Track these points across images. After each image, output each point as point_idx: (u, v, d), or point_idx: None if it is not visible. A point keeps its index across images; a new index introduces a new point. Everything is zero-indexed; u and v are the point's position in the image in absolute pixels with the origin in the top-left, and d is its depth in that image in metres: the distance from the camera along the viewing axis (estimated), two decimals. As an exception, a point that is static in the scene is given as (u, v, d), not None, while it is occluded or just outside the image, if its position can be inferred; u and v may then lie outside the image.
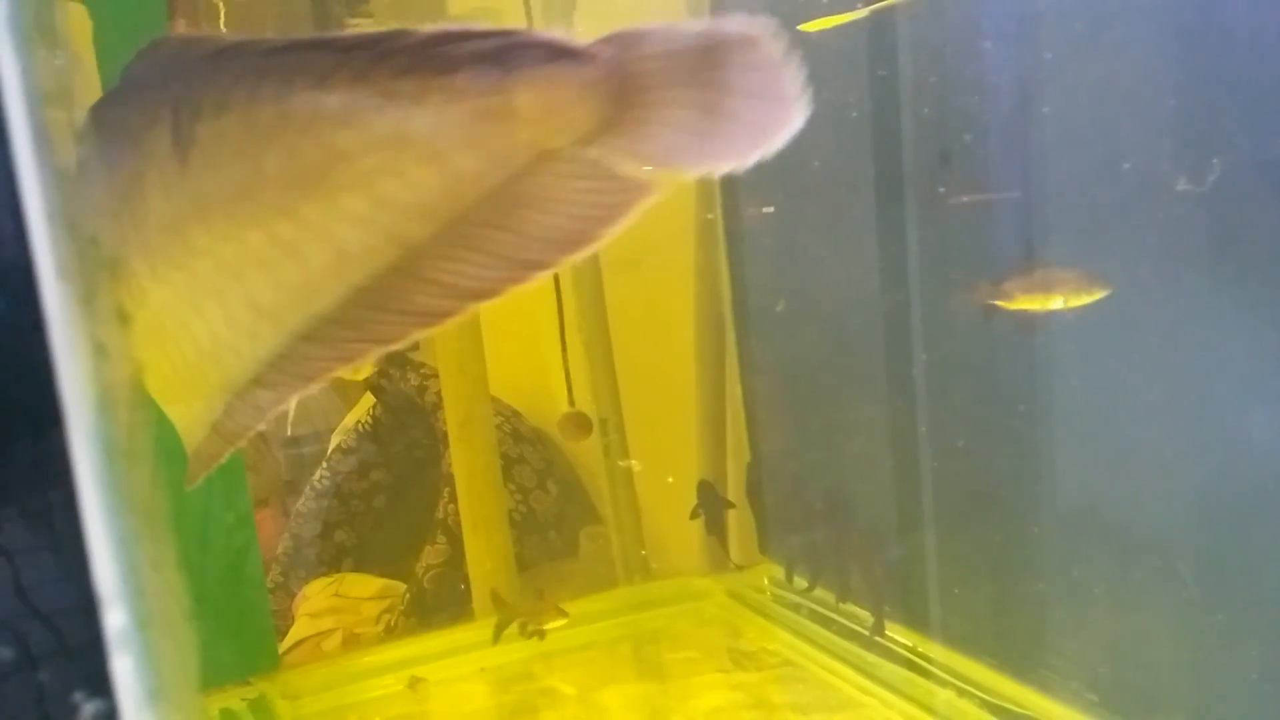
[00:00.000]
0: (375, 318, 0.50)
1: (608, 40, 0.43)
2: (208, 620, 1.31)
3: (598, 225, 0.48)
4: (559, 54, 0.43)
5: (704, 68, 0.41)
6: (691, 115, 0.42)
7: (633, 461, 1.61)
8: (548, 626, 1.26)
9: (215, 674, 1.34)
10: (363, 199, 0.46)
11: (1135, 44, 1.00)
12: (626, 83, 0.42)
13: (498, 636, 1.28)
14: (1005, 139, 1.18)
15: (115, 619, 0.24)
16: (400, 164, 0.44)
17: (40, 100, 0.28)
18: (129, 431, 0.26)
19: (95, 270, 0.26)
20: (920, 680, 1.24)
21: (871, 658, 1.31)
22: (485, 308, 1.73)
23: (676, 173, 0.46)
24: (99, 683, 0.24)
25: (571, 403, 1.69)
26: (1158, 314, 1.00)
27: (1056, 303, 0.96)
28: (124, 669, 0.24)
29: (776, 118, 0.42)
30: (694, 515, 1.58)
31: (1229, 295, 0.93)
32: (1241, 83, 0.91)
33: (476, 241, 0.49)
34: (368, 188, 0.45)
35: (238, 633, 1.34)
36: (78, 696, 0.24)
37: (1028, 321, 1.00)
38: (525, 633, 1.25)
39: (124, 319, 0.28)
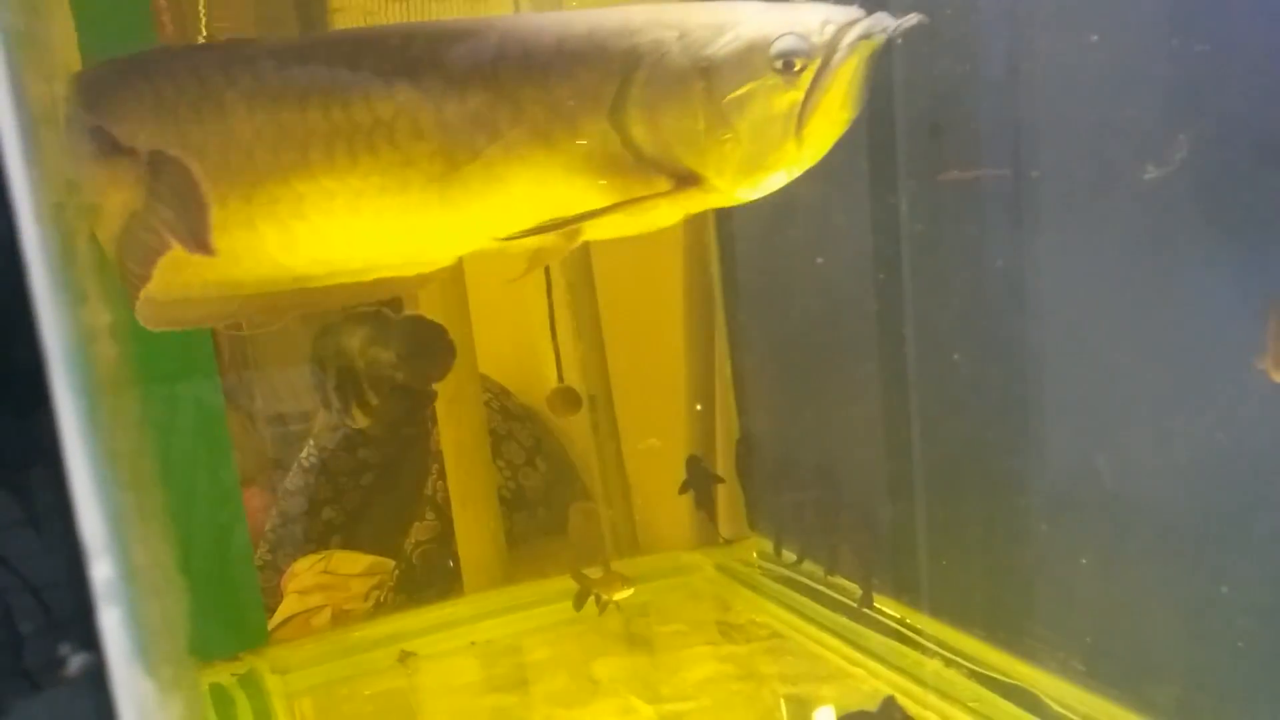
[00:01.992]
0: None
1: None
2: (196, 596, 1.30)
3: None
4: None
5: None
6: None
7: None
8: (616, 596, 1.28)
9: (204, 649, 1.33)
10: None
11: (1124, 13, 1.00)
12: None
13: (579, 607, 1.31)
14: (994, 113, 1.18)
15: (102, 570, 0.24)
16: None
17: (14, 46, 0.28)
18: (113, 380, 0.25)
19: (75, 217, 0.25)
20: (908, 651, 1.25)
21: (859, 629, 1.32)
22: (473, 285, 1.71)
23: None
24: (86, 636, 0.24)
25: (560, 378, 1.68)
26: (1148, 283, 1.00)
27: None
28: (111, 622, 0.24)
29: None
30: (683, 490, 1.58)
31: (1219, 264, 0.93)
32: (1231, 52, 0.91)
33: None
34: None
35: (226, 608, 1.33)
36: (64, 649, 0.24)
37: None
38: (599, 604, 1.28)
39: (103, 266, 0.27)
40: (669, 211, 0.59)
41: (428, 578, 1.86)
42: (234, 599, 1.34)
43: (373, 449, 2.15)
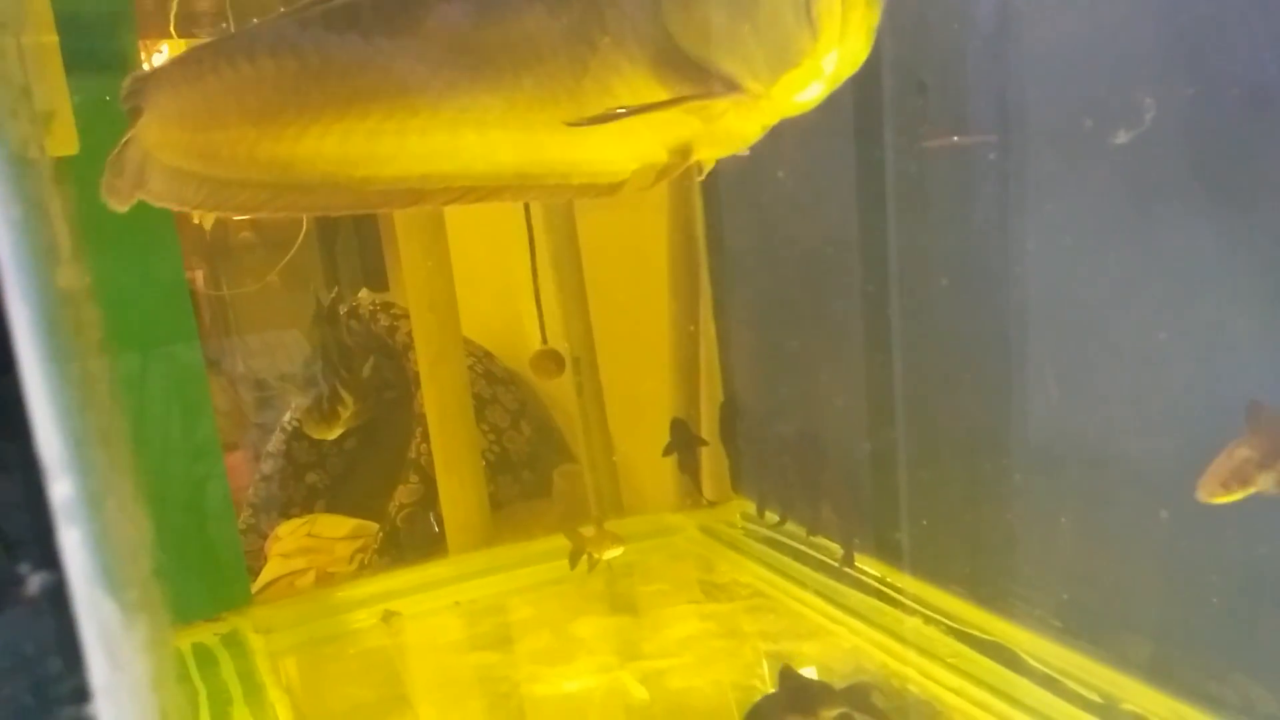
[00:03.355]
0: None
1: None
2: (176, 555, 1.30)
3: None
4: None
5: None
6: None
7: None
8: (607, 555, 1.29)
9: (187, 609, 1.33)
10: None
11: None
12: None
13: (574, 565, 1.31)
14: (982, 69, 1.17)
15: (61, 490, 0.23)
16: None
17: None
18: (72, 297, 0.25)
19: (28, 124, 0.24)
20: (888, 609, 1.27)
21: (840, 588, 1.33)
22: (455, 248, 1.69)
23: None
24: (46, 554, 0.23)
25: (544, 340, 1.68)
26: (1131, 245, 1.00)
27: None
28: (71, 542, 0.23)
29: None
30: (667, 452, 1.58)
31: (1203, 224, 0.93)
32: (1221, 6, 0.90)
33: None
34: None
35: (207, 567, 1.33)
36: (24, 568, 0.23)
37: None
38: (590, 562, 1.29)
39: (60, 177, 0.27)
40: (740, 121, 0.59)
41: (411, 540, 1.87)
42: (216, 559, 1.34)
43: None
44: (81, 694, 0.24)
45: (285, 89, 0.58)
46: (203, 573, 1.33)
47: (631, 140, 0.62)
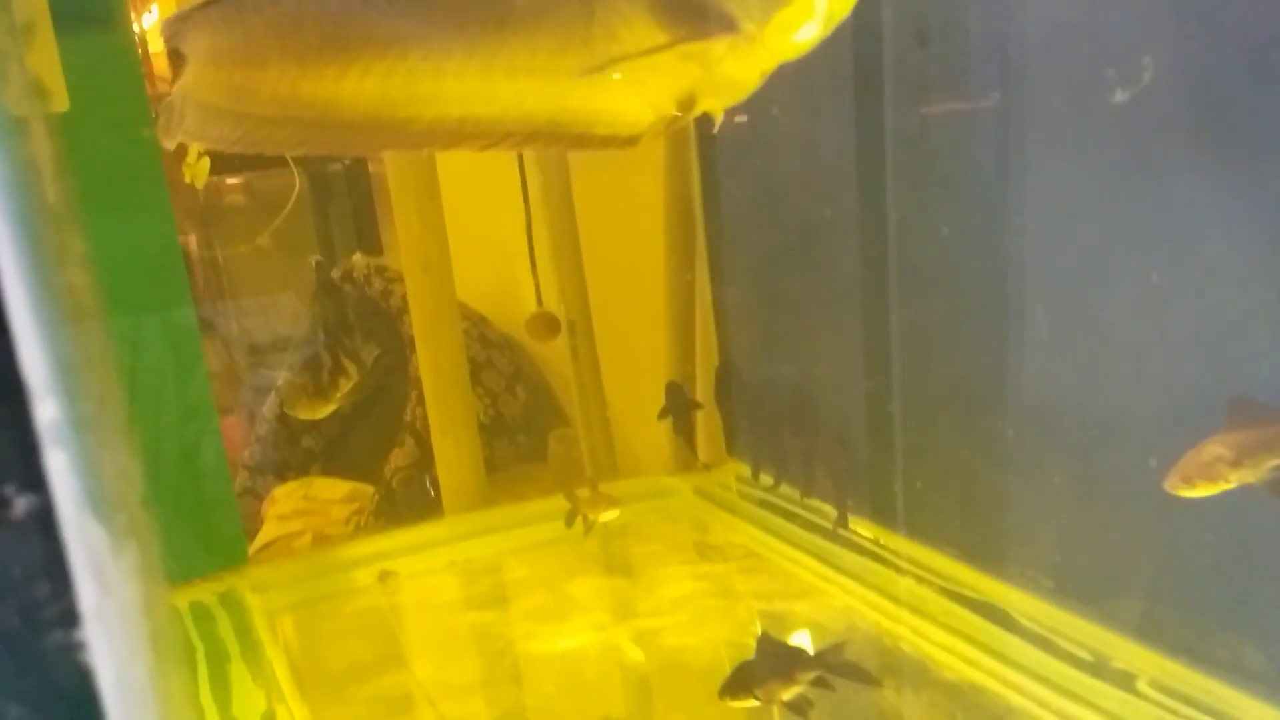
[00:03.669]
0: None
1: None
2: (172, 514, 1.30)
3: None
4: None
5: None
6: None
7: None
8: (602, 517, 1.29)
9: (184, 568, 1.34)
10: None
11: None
12: None
13: (570, 524, 1.32)
14: (981, 25, 1.15)
15: (46, 411, 0.23)
16: None
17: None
18: (57, 217, 0.24)
19: (5, 36, 0.24)
20: (881, 569, 1.28)
21: (834, 548, 1.34)
22: (450, 212, 1.68)
23: None
24: (32, 477, 0.23)
25: (539, 303, 1.67)
26: (1129, 204, 1.00)
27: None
28: (58, 465, 0.23)
29: None
30: (662, 416, 1.58)
31: (1202, 181, 0.93)
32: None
33: None
34: None
35: (203, 526, 1.33)
36: (9, 490, 0.23)
37: None
38: (585, 523, 1.29)
39: (42, 91, 0.26)
40: (738, 68, 0.60)
41: (407, 503, 1.87)
42: (212, 518, 1.34)
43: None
44: (70, 618, 0.24)
45: (327, 27, 0.59)
46: (199, 532, 1.33)
47: (642, 89, 0.63)
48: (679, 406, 1.61)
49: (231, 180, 2.44)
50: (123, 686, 0.24)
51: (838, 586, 1.27)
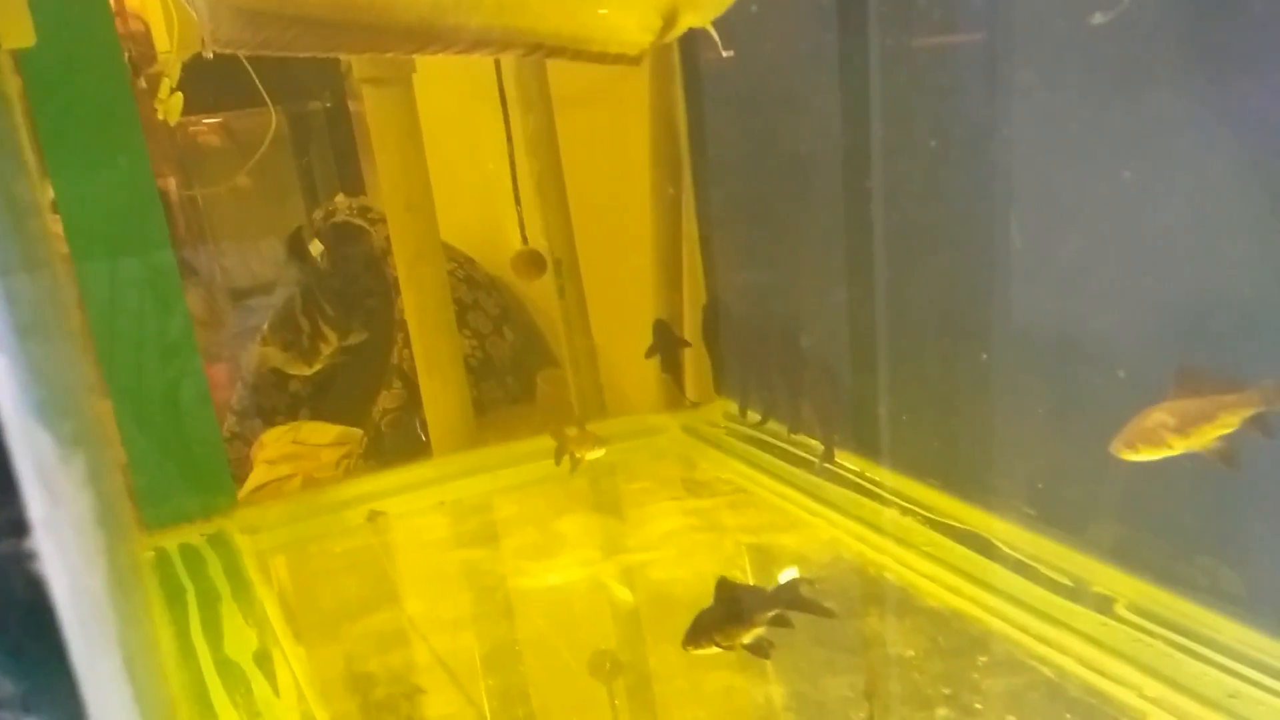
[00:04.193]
0: None
1: None
2: (157, 456, 1.30)
3: None
4: None
5: None
6: None
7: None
8: (589, 456, 1.29)
9: (172, 510, 1.34)
10: None
11: None
12: None
13: (559, 462, 1.31)
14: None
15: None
16: None
17: None
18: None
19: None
20: (866, 501, 1.29)
21: (820, 482, 1.35)
22: (432, 151, 1.66)
23: None
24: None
25: (524, 241, 1.66)
26: (1113, 129, 0.98)
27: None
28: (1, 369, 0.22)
29: None
30: (650, 354, 1.58)
31: (1183, 105, 0.92)
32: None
33: None
34: None
35: (190, 468, 1.33)
36: (-51, 396, 0.22)
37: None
38: (572, 462, 1.29)
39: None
40: None
41: (396, 445, 1.88)
42: (198, 459, 1.34)
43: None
44: (19, 527, 0.23)
45: None
46: (186, 474, 1.33)
47: (633, 6, 0.65)
48: (666, 344, 1.60)
49: (209, 120, 2.39)
50: (77, 597, 0.23)
51: (823, 519, 1.29)
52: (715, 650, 0.83)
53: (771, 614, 0.82)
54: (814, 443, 1.43)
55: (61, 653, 0.23)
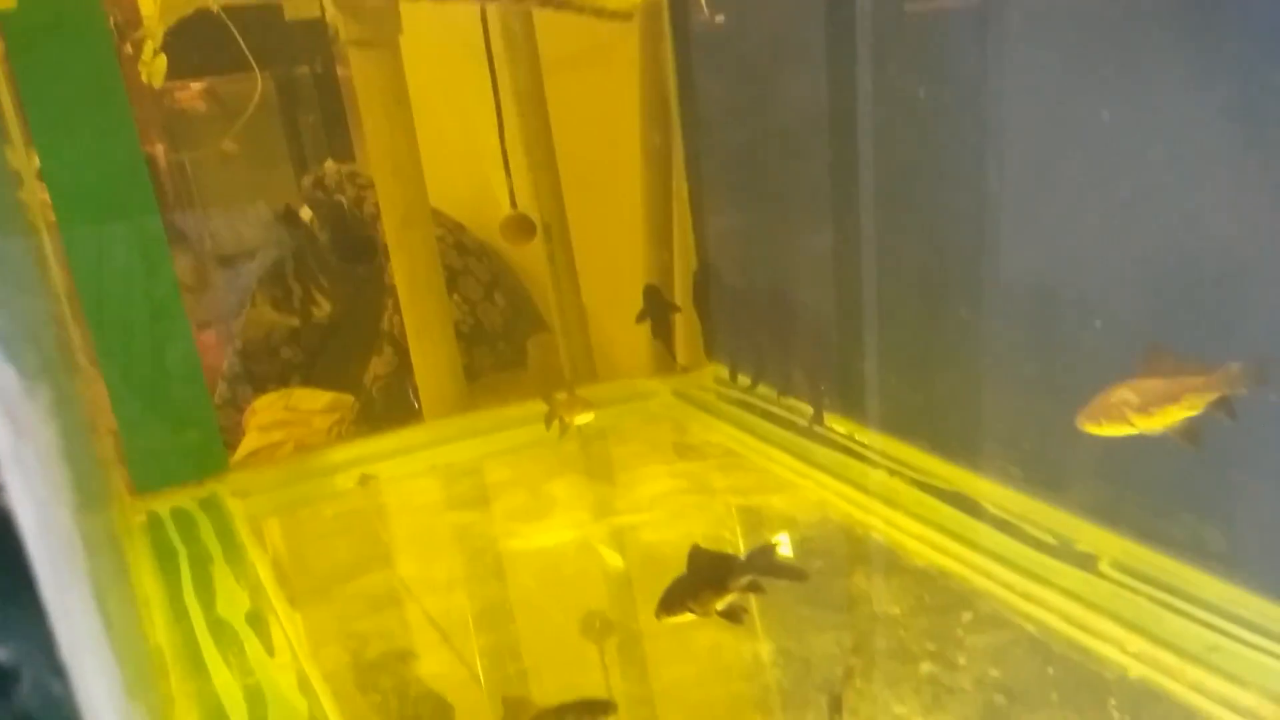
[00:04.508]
0: None
1: None
2: (147, 420, 1.30)
3: None
4: None
5: None
6: None
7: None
8: (577, 420, 1.28)
9: (163, 474, 1.34)
10: None
11: None
12: None
13: (549, 426, 1.30)
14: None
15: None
16: None
17: None
18: None
19: None
20: (854, 463, 1.29)
21: (809, 444, 1.36)
22: (420, 116, 1.66)
23: None
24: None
25: (514, 205, 1.65)
26: (1103, 87, 0.98)
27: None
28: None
29: None
30: (640, 319, 1.58)
31: (1171, 63, 0.91)
32: None
33: None
34: None
35: (180, 432, 1.33)
36: (-91, 328, 0.22)
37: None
38: (561, 426, 1.28)
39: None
40: None
41: (388, 411, 1.88)
42: (188, 423, 1.34)
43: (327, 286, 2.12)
44: (-16, 460, 0.23)
45: None
46: (176, 437, 1.33)
47: None
48: (657, 309, 1.60)
49: (196, 86, 2.37)
50: (44, 530, 0.24)
51: (812, 480, 1.29)
52: (690, 618, 0.83)
53: (744, 581, 0.83)
54: (804, 406, 1.44)
55: (30, 584, 0.24)
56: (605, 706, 0.75)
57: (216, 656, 1.01)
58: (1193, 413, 0.79)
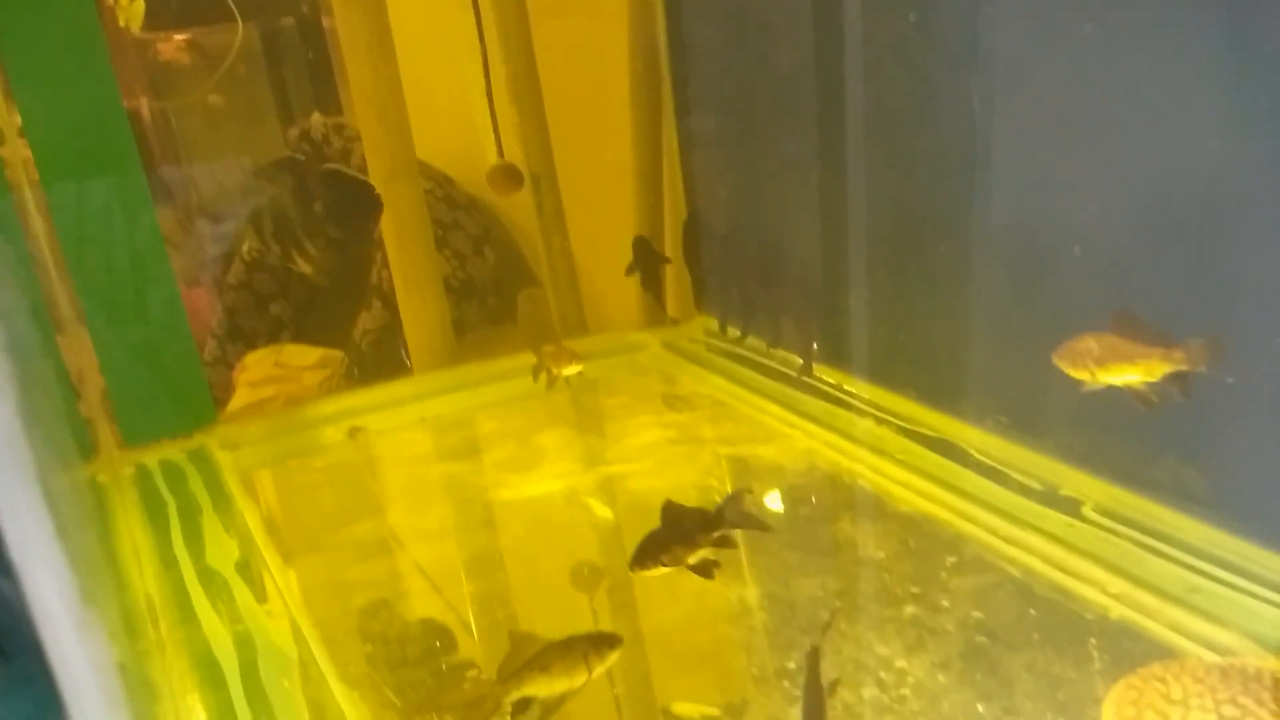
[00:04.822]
0: None
1: None
2: (134, 372, 1.30)
3: None
4: None
5: None
6: None
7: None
8: (565, 371, 1.27)
9: (151, 426, 1.34)
10: None
11: None
12: None
13: (537, 377, 1.30)
14: None
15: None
16: None
17: None
18: None
19: None
20: (842, 412, 1.30)
21: (797, 395, 1.36)
22: (406, 67, 1.63)
23: None
24: None
25: (501, 154, 1.63)
26: (1095, 26, 0.96)
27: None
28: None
29: None
30: (630, 271, 1.57)
31: (1162, 7, 0.90)
32: None
33: None
34: None
35: (167, 384, 1.33)
36: None
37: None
38: (549, 378, 1.27)
39: None
40: None
41: (378, 366, 1.87)
42: (175, 375, 1.34)
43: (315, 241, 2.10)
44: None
45: None
46: (164, 389, 1.33)
47: None
48: (647, 261, 1.59)
49: (179, 37, 2.33)
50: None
51: (800, 430, 1.30)
52: (661, 571, 0.84)
53: (716, 535, 0.83)
54: (793, 357, 1.44)
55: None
56: (611, 640, 0.76)
57: (206, 604, 1.01)
58: (1151, 379, 0.83)
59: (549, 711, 0.72)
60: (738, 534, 0.87)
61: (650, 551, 0.83)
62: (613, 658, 0.75)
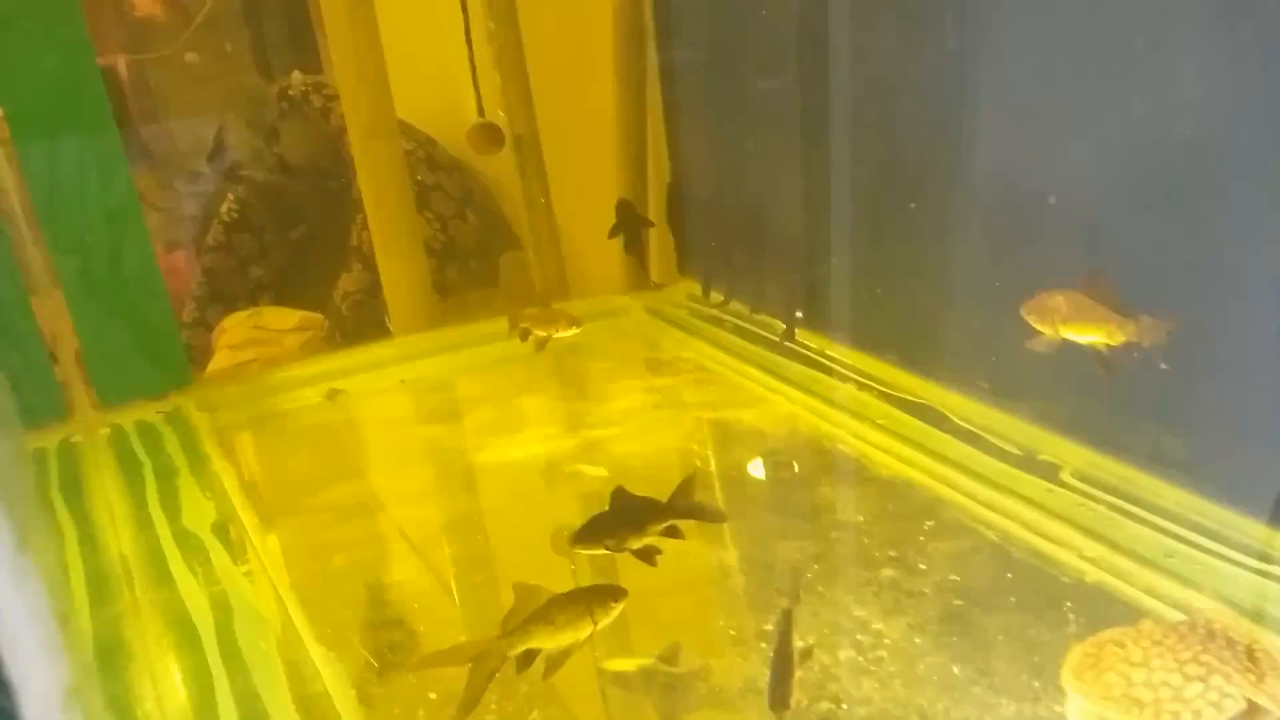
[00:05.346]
0: None
1: None
2: (109, 333, 1.28)
3: None
4: None
5: None
6: None
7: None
8: (558, 334, 1.19)
9: (127, 387, 1.33)
10: None
11: None
12: None
13: (511, 334, 1.21)
14: None
15: None
16: None
17: None
18: None
19: None
20: (824, 378, 1.29)
21: (780, 360, 1.35)
22: (386, 24, 1.58)
23: None
24: None
25: (481, 113, 1.60)
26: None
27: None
28: None
29: None
30: (613, 234, 1.55)
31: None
32: None
33: None
34: None
35: (142, 345, 1.31)
36: None
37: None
38: (538, 342, 1.21)
39: None
40: None
41: (359, 329, 1.86)
42: (151, 336, 1.32)
43: (294, 201, 2.07)
44: None
45: None
46: (140, 350, 1.31)
47: None
48: (630, 225, 1.57)
49: (152, -9, 2.27)
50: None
51: (782, 395, 1.29)
52: (602, 551, 0.83)
53: (664, 526, 0.82)
54: (776, 322, 1.43)
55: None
56: (615, 592, 0.75)
57: (182, 566, 1.01)
58: (1111, 343, 0.85)
59: (554, 665, 0.71)
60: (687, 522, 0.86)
61: (594, 533, 0.82)
62: (617, 610, 0.73)
